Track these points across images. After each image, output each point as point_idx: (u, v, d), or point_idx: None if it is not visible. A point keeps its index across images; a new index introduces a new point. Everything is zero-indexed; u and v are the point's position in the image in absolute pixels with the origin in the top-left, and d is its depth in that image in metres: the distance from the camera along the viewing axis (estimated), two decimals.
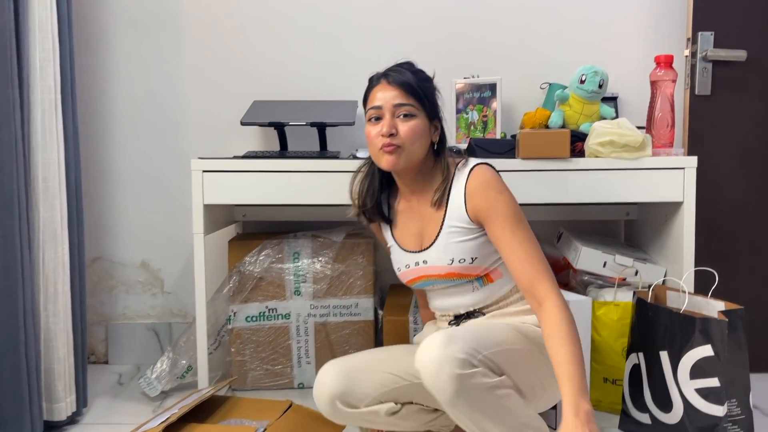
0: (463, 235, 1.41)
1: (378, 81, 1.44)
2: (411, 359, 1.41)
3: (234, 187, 1.85)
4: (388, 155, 1.38)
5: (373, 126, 1.42)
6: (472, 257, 1.42)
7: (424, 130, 1.42)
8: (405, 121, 1.39)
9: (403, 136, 1.38)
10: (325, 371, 1.43)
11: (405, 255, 1.51)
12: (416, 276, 1.49)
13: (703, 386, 1.54)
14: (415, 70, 1.45)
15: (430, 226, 1.46)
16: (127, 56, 2.30)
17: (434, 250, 1.45)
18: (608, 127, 1.83)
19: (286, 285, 2.07)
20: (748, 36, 2.12)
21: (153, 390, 2.02)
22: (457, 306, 1.49)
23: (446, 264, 1.43)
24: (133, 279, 2.38)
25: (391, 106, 1.39)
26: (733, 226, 2.19)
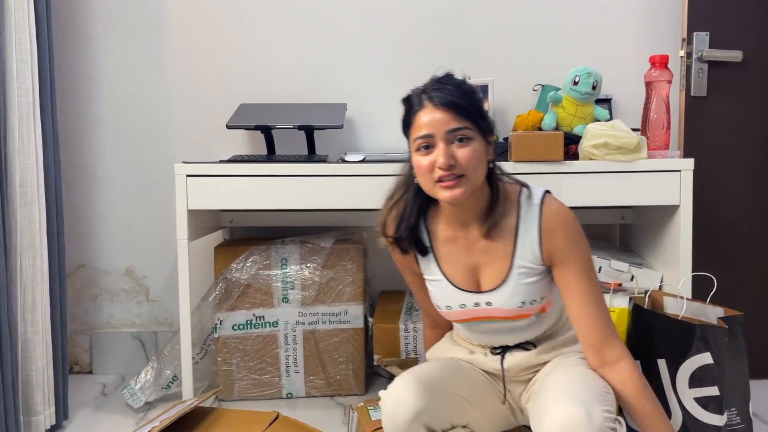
0: (533, 276, 1.30)
1: (421, 104, 1.24)
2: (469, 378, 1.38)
3: (219, 192, 1.79)
4: (450, 189, 1.21)
5: (423, 156, 1.23)
6: (542, 296, 1.32)
7: (482, 151, 1.25)
8: (462, 146, 1.21)
9: (464, 164, 1.21)
10: (401, 387, 1.23)
11: (458, 293, 1.35)
12: (474, 317, 1.36)
13: (703, 395, 1.49)
14: (459, 83, 1.26)
15: (494, 263, 1.31)
16: (111, 59, 2.25)
17: (502, 293, 1.31)
18: (602, 129, 1.79)
19: (274, 292, 2.01)
20: (744, 36, 2.08)
21: (137, 401, 1.96)
22: (506, 341, 1.39)
23: (516, 307, 1.31)
24: (117, 287, 2.32)
25: (444, 132, 1.21)
26: (730, 229, 2.15)
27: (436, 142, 1.22)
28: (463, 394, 1.32)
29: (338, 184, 1.80)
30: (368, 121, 2.26)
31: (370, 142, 2.26)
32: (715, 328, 1.48)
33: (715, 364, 1.48)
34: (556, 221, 1.27)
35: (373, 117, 2.25)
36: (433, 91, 1.24)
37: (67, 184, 2.25)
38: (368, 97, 2.24)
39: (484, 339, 1.41)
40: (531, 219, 1.28)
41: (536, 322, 1.37)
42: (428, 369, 1.33)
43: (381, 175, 1.78)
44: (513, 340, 1.39)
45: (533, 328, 1.38)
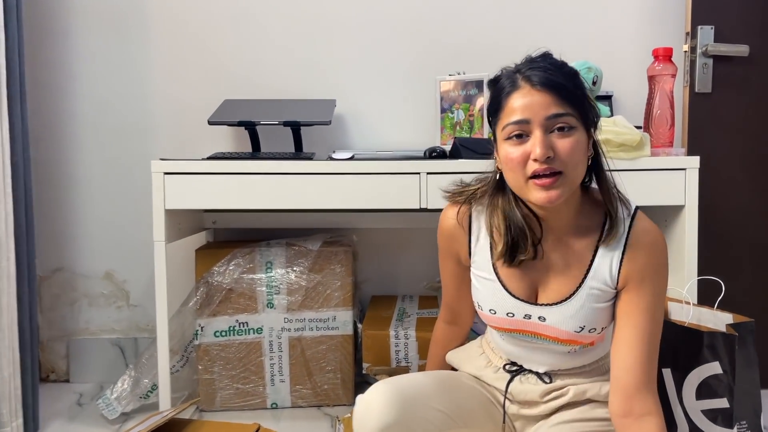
0: (602, 301, 1.14)
1: (515, 85, 1.06)
2: (462, 396, 1.24)
3: (199, 191, 1.70)
4: (545, 189, 1.03)
5: (514, 145, 1.05)
6: (603, 326, 1.16)
7: (585, 145, 1.07)
8: (564, 136, 1.03)
9: (565, 158, 1.03)
10: (375, 395, 1.12)
11: (510, 300, 1.19)
12: (519, 329, 1.20)
13: (711, 407, 1.40)
14: (561, 64, 1.09)
15: (562, 276, 1.15)
16: (91, 54, 2.15)
17: (563, 310, 1.15)
18: (603, 125, 1.69)
19: (258, 297, 1.92)
20: (751, 30, 1.99)
21: (112, 412, 1.86)
22: (535, 361, 1.24)
23: (573, 331, 1.15)
24: (96, 291, 2.22)
25: (542, 118, 1.03)
26: (737, 231, 2.05)
27: (532, 130, 1.04)
28: (448, 413, 1.19)
29: (326, 183, 1.70)
30: (359, 119, 2.16)
31: (361, 140, 2.17)
32: (724, 335, 1.38)
33: (725, 375, 1.38)
34: (645, 240, 1.11)
35: (365, 114, 2.15)
36: (530, 70, 1.05)
37: (43, 183, 2.16)
38: (359, 94, 2.15)
39: (514, 352, 1.27)
40: (617, 238, 1.11)
41: (577, 353, 1.22)
42: (412, 380, 1.20)
43: (371, 174, 1.70)
44: (541, 364, 1.24)
45: (568, 359, 1.23)
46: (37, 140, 2.15)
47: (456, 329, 1.42)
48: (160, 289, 1.71)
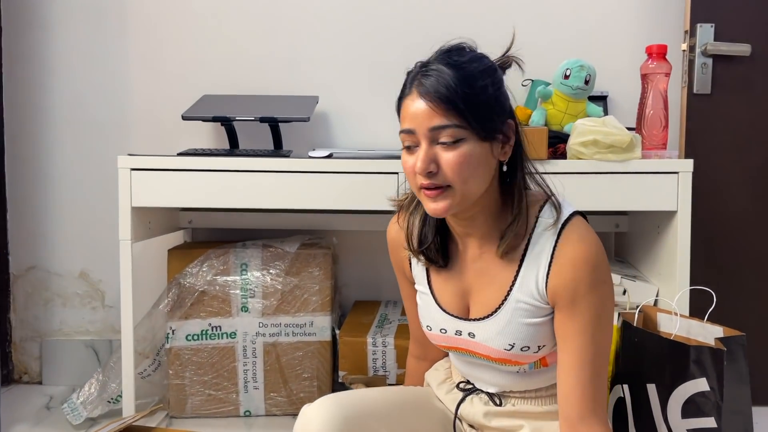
0: (531, 316, 1.05)
1: (409, 88, 1.00)
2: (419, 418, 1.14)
3: (168, 188, 1.63)
4: (433, 201, 0.99)
5: (408, 155, 1.01)
6: (539, 345, 1.06)
7: (481, 155, 0.98)
8: (449, 149, 0.97)
9: (449, 174, 0.97)
10: (316, 410, 1.04)
11: (441, 315, 1.13)
12: (454, 346, 1.15)
13: (698, 426, 1.30)
14: (463, 64, 0.99)
15: (489, 289, 1.08)
16: (68, 47, 2.09)
17: (489, 326, 1.07)
18: (591, 126, 1.61)
19: (232, 300, 1.84)
20: (753, 29, 1.90)
21: (77, 417, 1.79)
22: (484, 381, 1.16)
23: (503, 349, 1.07)
24: (70, 291, 2.16)
25: (426, 130, 0.97)
26: (734, 239, 1.96)
27: (419, 140, 0.98)
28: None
29: (301, 182, 1.62)
30: (343, 116, 2.09)
31: (345, 139, 2.10)
32: (711, 350, 1.29)
33: (712, 392, 1.29)
34: (571, 254, 1.00)
35: (349, 112, 2.08)
36: (425, 74, 0.98)
37: (18, 180, 2.10)
38: (343, 91, 2.08)
39: (465, 371, 1.19)
40: (544, 244, 1.03)
41: (528, 374, 1.12)
42: (362, 398, 1.11)
43: (350, 173, 1.62)
44: (491, 385, 1.16)
45: (519, 380, 1.13)
46: (13, 136, 2.09)
47: (427, 364, 1.33)
48: (125, 289, 1.63)
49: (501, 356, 1.07)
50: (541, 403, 1.14)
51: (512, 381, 1.13)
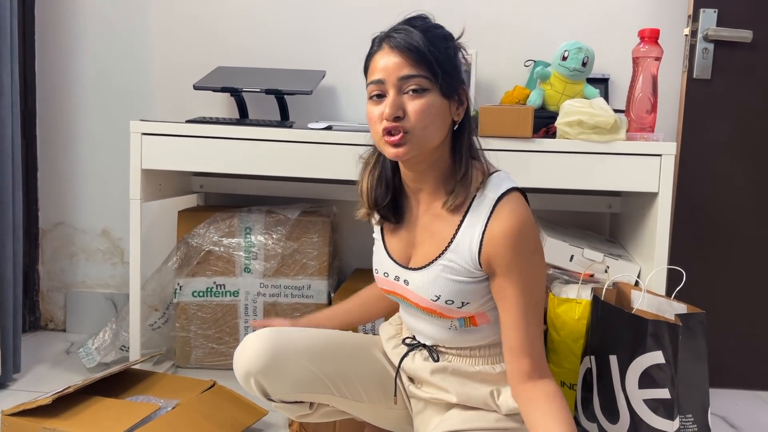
0: (461, 275, 1.13)
1: (379, 45, 1.11)
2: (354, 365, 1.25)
3: (177, 153, 1.74)
4: (394, 147, 1.08)
5: (374, 105, 1.10)
6: (463, 302, 1.14)
7: (441, 108, 1.09)
8: (414, 98, 1.07)
9: (413, 119, 1.06)
10: (252, 340, 1.16)
11: (388, 261, 1.23)
12: (391, 290, 1.25)
13: (653, 397, 1.37)
14: (428, 27, 1.11)
15: (429, 243, 1.17)
16: (93, 17, 2.23)
17: (421, 277, 1.16)
18: (578, 106, 1.66)
19: (236, 261, 1.96)
20: (755, 15, 1.90)
21: (91, 360, 1.95)
22: (423, 333, 1.25)
23: (430, 299, 1.15)
24: (93, 247, 2.32)
25: (395, 79, 1.07)
26: (730, 223, 1.97)
27: (387, 90, 1.08)
28: (323, 376, 1.19)
29: (303, 151, 1.72)
30: (349, 90, 2.18)
31: (351, 112, 2.18)
32: (668, 324, 1.34)
33: (668, 365, 1.35)
34: (506, 229, 1.08)
35: (354, 86, 2.16)
36: (395, 32, 1.09)
37: (47, 141, 2.26)
38: (351, 66, 2.15)
39: (407, 321, 1.29)
40: (480, 214, 1.11)
41: (459, 332, 1.20)
42: (297, 335, 1.21)
43: (349, 144, 1.70)
44: (428, 337, 1.24)
45: (452, 335, 1.21)
46: (44, 100, 2.25)
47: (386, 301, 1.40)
48: (134, 246, 1.77)
49: (428, 306, 1.16)
50: (474, 363, 1.21)
51: (446, 336, 1.21)
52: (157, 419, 1.38)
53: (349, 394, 1.23)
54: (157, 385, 1.61)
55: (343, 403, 1.23)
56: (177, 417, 1.41)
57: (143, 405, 1.43)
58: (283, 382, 1.16)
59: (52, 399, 1.34)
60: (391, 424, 1.31)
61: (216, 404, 1.52)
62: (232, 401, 1.56)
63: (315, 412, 1.24)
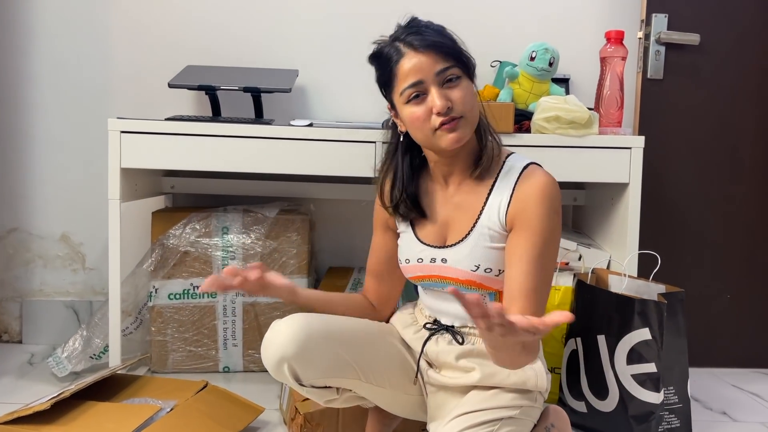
0: (495, 241, 1.19)
1: (400, 52, 1.16)
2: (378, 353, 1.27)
3: (156, 151, 1.71)
4: (452, 132, 1.14)
5: (416, 105, 1.15)
6: (500, 269, 1.20)
7: (473, 89, 1.19)
8: (454, 86, 1.15)
9: (461, 105, 1.15)
10: (284, 326, 1.16)
11: (420, 247, 1.27)
12: (427, 274, 1.27)
13: (640, 372, 1.47)
14: (428, 23, 1.20)
15: (463, 218, 1.23)
16: (50, 14, 2.14)
17: (460, 250, 1.22)
18: (554, 103, 1.75)
19: (213, 261, 1.94)
20: (702, 19, 2.06)
21: (62, 370, 1.86)
22: (449, 314, 1.27)
23: (470, 270, 1.20)
24: (52, 253, 2.21)
25: (433, 75, 1.14)
26: (681, 210, 2.13)
27: (428, 88, 1.15)
28: (354, 363, 1.21)
29: (283, 148, 1.73)
30: (321, 90, 2.19)
31: (323, 111, 2.20)
32: (654, 303, 1.45)
33: (654, 341, 1.45)
34: (535, 190, 1.16)
35: (326, 85, 2.18)
36: (408, 35, 1.16)
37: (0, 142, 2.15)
38: (322, 66, 2.18)
39: (435, 306, 1.30)
40: (508, 180, 1.20)
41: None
42: (328, 321, 1.23)
43: (330, 141, 1.73)
44: (455, 316, 1.27)
45: None
46: None
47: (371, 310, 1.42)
48: (114, 248, 1.72)
49: (467, 277, 1.21)
50: None
51: None
52: (160, 419, 1.35)
53: (374, 379, 1.25)
54: (147, 388, 1.57)
55: (366, 389, 1.25)
56: (180, 417, 1.38)
57: (144, 407, 1.39)
58: (316, 366, 1.17)
59: (50, 404, 1.29)
60: (406, 409, 1.34)
61: (214, 403, 1.50)
62: (229, 400, 1.55)
63: (340, 397, 1.25)
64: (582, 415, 1.58)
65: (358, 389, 1.25)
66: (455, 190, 1.25)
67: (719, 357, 2.16)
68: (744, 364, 2.16)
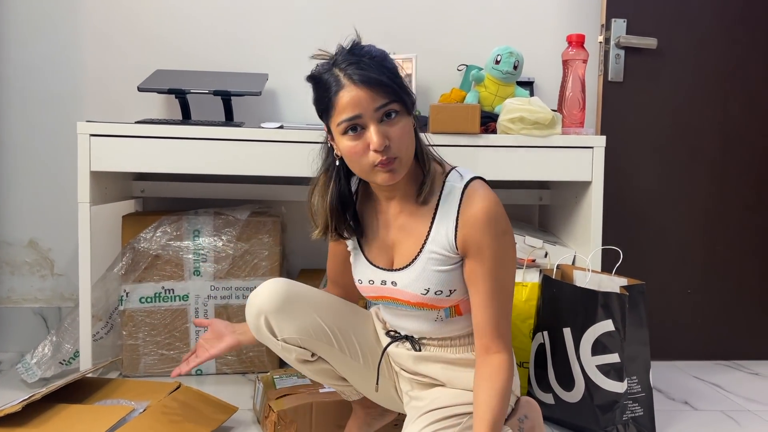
0: (443, 264, 1.20)
1: (339, 84, 1.13)
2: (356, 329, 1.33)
3: (126, 154, 1.71)
4: (388, 172, 1.14)
5: (353, 139, 1.14)
6: (451, 289, 1.22)
7: (410, 125, 1.17)
8: (393, 123, 1.13)
9: (398, 143, 1.13)
10: (267, 285, 1.27)
11: (370, 269, 1.29)
12: (381, 295, 1.29)
13: (604, 362, 1.51)
14: (372, 55, 1.16)
15: (408, 242, 1.24)
16: (15, 19, 2.13)
17: (408, 274, 1.23)
18: (519, 104, 1.80)
19: (185, 264, 1.94)
20: (660, 24, 2.14)
21: (32, 376, 1.85)
22: (408, 329, 1.31)
23: (420, 293, 1.22)
24: (19, 259, 2.19)
25: (372, 111, 1.12)
26: (641, 207, 2.20)
27: (366, 123, 1.12)
28: (330, 330, 1.28)
29: (254, 150, 1.75)
30: (290, 94, 2.22)
31: (291, 115, 2.22)
32: (616, 295, 1.50)
33: (617, 332, 1.50)
34: (479, 212, 1.16)
35: (295, 89, 2.20)
36: (349, 67, 1.13)
37: None
38: (291, 70, 2.20)
39: (391, 321, 1.35)
40: (451, 203, 1.19)
41: (444, 322, 1.27)
42: (307, 288, 1.32)
43: (298, 142, 1.75)
44: (414, 331, 1.31)
45: (438, 327, 1.28)
46: None
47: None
48: (84, 251, 1.71)
49: (418, 300, 1.23)
50: (455, 351, 1.29)
51: (431, 328, 1.28)
52: (133, 420, 1.35)
53: (348, 351, 1.30)
54: (119, 390, 1.56)
55: (340, 359, 1.30)
56: (153, 416, 1.39)
57: (116, 408, 1.39)
58: (291, 323, 1.25)
59: (21, 406, 1.28)
60: (382, 395, 1.38)
61: (187, 403, 1.50)
62: (202, 400, 1.55)
63: (314, 363, 1.31)
64: (550, 407, 1.62)
65: (332, 359, 1.30)
66: (398, 212, 1.25)
67: (681, 350, 2.23)
68: (705, 357, 2.24)
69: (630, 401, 1.54)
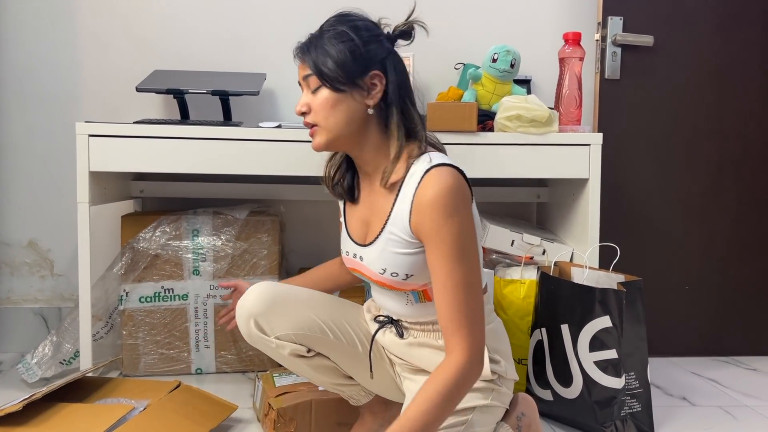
0: (401, 247, 1.20)
1: None
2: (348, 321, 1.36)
3: (125, 154, 1.72)
4: (312, 137, 1.24)
5: None
6: (407, 274, 1.21)
7: (339, 99, 1.19)
8: (314, 94, 1.22)
9: (313, 112, 1.22)
10: (253, 288, 1.31)
11: (347, 240, 1.34)
12: (353, 268, 1.34)
13: (602, 358, 1.52)
14: (324, 30, 1.23)
15: (375, 220, 1.26)
16: (14, 19, 2.13)
17: (371, 251, 1.26)
18: (516, 102, 1.81)
19: (184, 264, 1.95)
20: (656, 22, 2.15)
21: (32, 376, 1.85)
22: (389, 309, 1.33)
23: (378, 272, 1.25)
24: (19, 260, 2.20)
25: (301, 78, 1.24)
26: (637, 204, 2.21)
27: (303, 89, 1.25)
28: (324, 323, 1.31)
29: (253, 149, 1.75)
30: (288, 93, 2.22)
31: (289, 114, 2.23)
32: (614, 291, 1.51)
33: (614, 328, 1.51)
34: (426, 197, 1.14)
35: (293, 89, 2.20)
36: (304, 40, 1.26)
37: None
38: (289, 69, 2.19)
39: (375, 298, 1.37)
40: (410, 187, 1.18)
41: (416, 306, 1.28)
42: (296, 288, 1.35)
43: (297, 141, 1.75)
44: (393, 312, 1.32)
45: (411, 309, 1.29)
46: None
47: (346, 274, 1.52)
48: (83, 252, 1.72)
49: (378, 278, 1.26)
50: (438, 337, 1.28)
51: (406, 311, 1.30)
52: (133, 418, 1.36)
53: (344, 337, 1.32)
54: (120, 389, 1.57)
55: (337, 347, 1.31)
56: (153, 415, 1.39)
57: (117, 406, 1.40)
58: (282, 320, 1.27)
59: (21, 405, 1.29)
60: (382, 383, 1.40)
61: (187, 402, 1.51)
62: (202, 398, 1.56)
63: (312, 359, 1.32)
64: (548, 404, 1.63)
65: (329, 349, 1.31)
66: (371, 190, 1.29)
67: (678, 346, 2.24)
68: (702, 353, 2.25)
69: (628, 397, 1.55)
